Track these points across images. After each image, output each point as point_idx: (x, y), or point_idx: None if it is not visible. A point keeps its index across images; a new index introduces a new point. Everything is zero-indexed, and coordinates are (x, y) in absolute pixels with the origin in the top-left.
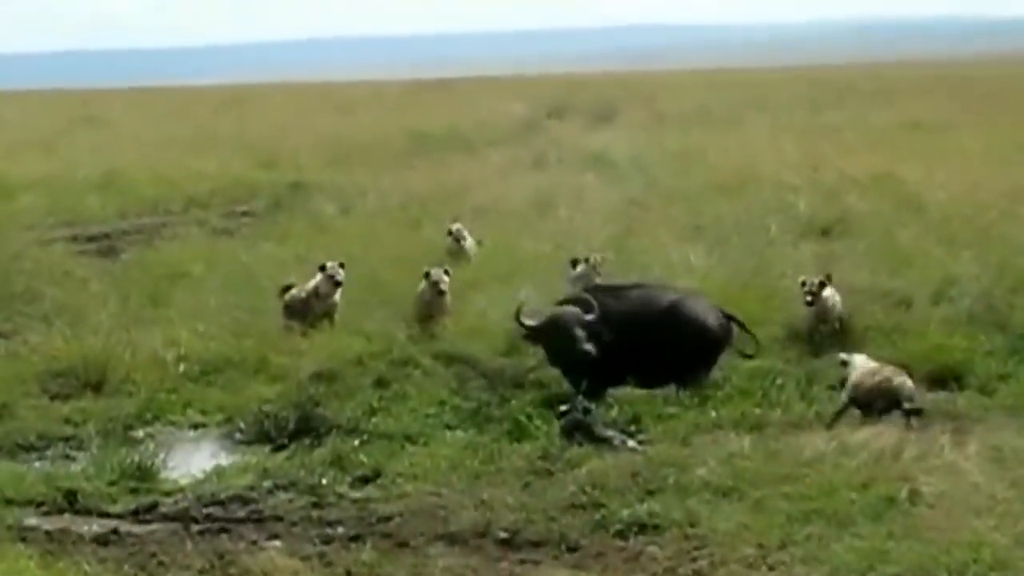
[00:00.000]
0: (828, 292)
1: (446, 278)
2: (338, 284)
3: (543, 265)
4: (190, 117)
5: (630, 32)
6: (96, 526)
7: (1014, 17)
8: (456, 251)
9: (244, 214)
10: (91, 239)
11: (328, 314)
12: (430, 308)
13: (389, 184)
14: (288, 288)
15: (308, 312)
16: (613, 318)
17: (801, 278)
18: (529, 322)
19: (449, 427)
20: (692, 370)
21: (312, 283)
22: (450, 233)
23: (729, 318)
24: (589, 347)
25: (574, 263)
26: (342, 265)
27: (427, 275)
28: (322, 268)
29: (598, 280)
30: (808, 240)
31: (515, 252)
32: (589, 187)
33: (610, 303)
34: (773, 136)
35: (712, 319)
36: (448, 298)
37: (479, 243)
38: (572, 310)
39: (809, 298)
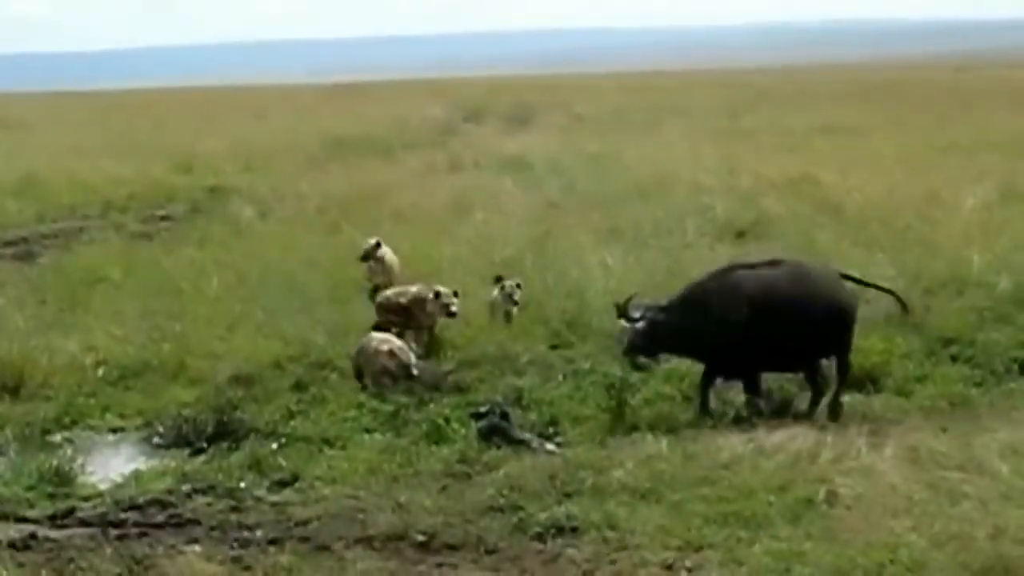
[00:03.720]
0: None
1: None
2: (452, 315)
3: (461, 269)
4: (107, 121)
5: (547, 36)
6: (14, 531)
7: (927, 20)
8: (377, 270)
9: (162, 218)
10: (8, 244)
11: (430, 328)
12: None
13: (306, 188)
14: (378, 289)
15: (409, 318)
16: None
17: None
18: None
19: (367, 430)
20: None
21: (416, 291)
22: (367, 256)
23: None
24: None
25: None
26: (455, 293)
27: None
28: (436, 294)
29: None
30: (724, 242)
31: (433, 256)
32: (506, 190)
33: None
34: (690, 139)
35: (845, 289)
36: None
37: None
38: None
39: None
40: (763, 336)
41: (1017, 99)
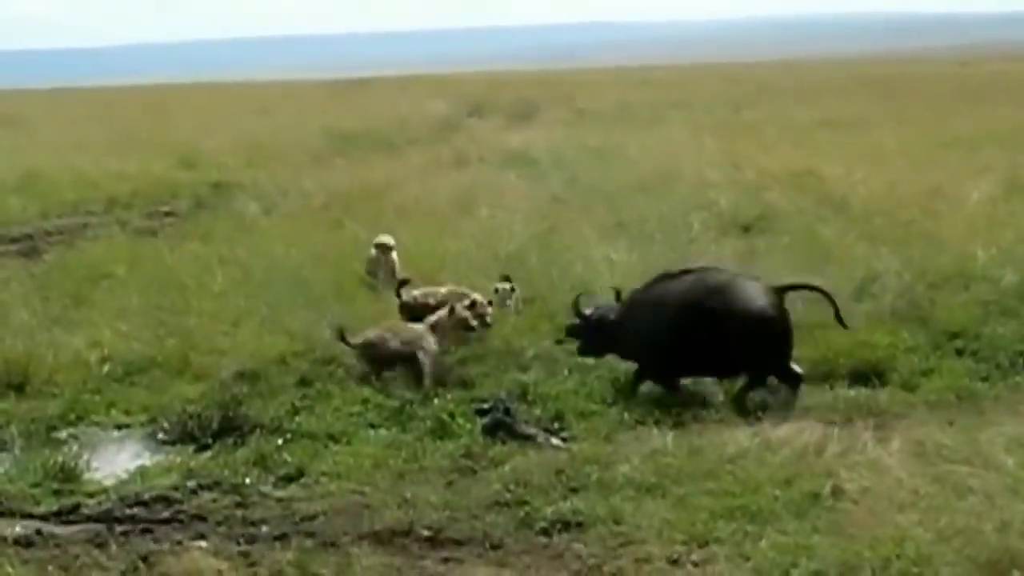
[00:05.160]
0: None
1: None
2: (487, 325)
3: (465, 264)
4: (110, 118)
5: (549, 31)
6: (19, 527)
7: (930, 14)
8: (381, 263)
9: (166, 214)
10: (12, 240)
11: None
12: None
13: (310, 184)
14: (405, 282)
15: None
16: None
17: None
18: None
19: (372, 426)
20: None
21: (445, 292)
22: (377, 246)
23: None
24: None
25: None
26: (490, 303)
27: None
28: (471, 304)
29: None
30: (730, 237)
31: (437, 251)
32: (510, 185)
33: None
34: (694, 133)
35: (763, 301)
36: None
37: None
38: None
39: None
40: (677, 345)
41: (1021, 93)
